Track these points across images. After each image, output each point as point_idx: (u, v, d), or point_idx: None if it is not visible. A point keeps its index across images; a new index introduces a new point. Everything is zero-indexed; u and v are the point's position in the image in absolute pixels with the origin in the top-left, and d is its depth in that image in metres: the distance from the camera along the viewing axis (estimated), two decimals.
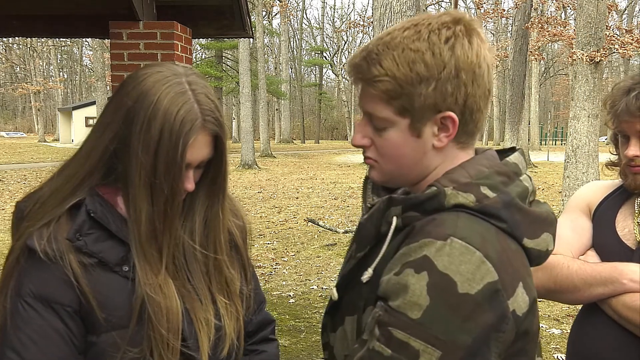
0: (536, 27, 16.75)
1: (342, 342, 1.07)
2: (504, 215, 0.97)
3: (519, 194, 1.01)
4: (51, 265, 1.12)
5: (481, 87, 0.99)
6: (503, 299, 0.92)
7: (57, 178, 1.20)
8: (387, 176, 1.07)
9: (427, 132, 1.00)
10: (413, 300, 0.89)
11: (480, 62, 0.98)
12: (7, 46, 49.26)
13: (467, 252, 0.91)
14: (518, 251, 0.99)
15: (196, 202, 1.24)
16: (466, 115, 1.00)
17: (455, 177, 1.00)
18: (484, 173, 1.00)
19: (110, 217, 1.16)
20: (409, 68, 0.96)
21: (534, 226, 1.02)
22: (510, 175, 1.02)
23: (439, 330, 0.88)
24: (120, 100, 1.16)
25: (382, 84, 0.98)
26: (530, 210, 1.02)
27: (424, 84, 0.97)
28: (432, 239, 0.92)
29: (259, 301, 1.44)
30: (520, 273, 0.97)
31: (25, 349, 1.09)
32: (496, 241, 0.95)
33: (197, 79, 1.17)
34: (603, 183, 1.71)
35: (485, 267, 0.91)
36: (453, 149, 1.03)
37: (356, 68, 1.02)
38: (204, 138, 1.15)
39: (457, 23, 0.99)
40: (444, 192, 0.98)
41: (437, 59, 0.96)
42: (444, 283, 0.89)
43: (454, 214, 0.96)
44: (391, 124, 1.01)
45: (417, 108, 0.98)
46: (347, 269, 1.08)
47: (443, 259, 0.90)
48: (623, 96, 1.53)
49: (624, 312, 1.43)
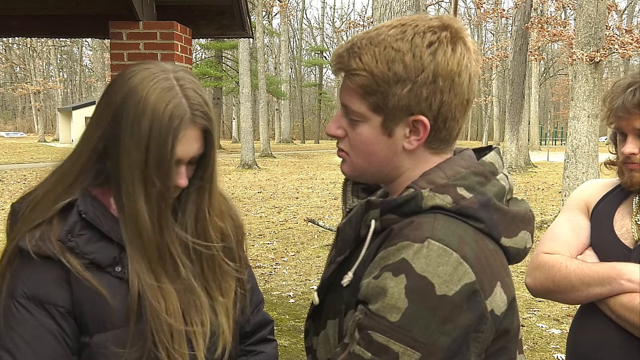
0: (536, 27, 16.74)
1: (325, 346, 1.07)
2: (481, 215, 0.98)
3: (495, 194, 1.01)
4: (43, 266, 1.12)
5: (458, 96, 0.99)
6: (481, 299, 0.92)
7: (50, 179, 1.20)
8: (357, 171, 1.07)
9: (398, 133, 1.01)
10: (392, 303, 0.90)
11: (460, 71, 0.98)
12: (7, 46, 49.26)
13: (444, 253, 0.91)
14: (496, 251, 0.99)
15: (187, 199, 1.23)
16: (439, 122, 0.99)
17: (432, 179, 1.00)
18: (460, 174, 1.00)
19: (102, 217, 1.16)
20: (387, 66, 0.97)
21: (512, 225, 1.02)
22: (487, 175, 1.02)
23: (418, 333, 0.89)
24: (109, 98, 1.16)
25: (359, 78, 0.98)
26: (508, 209, 1.03)
27: (400, 84, 0.97)
28: (410, 241, 0.93)
29: (257, 302, 1.43)
30: (498, 273, 0.97)
31: (18, 349, 1.09)
32: (474, 242, 0.95)
33: (185, 75, 1.17)
34: (601, 181, 1.71)
35: (462, 268, 0.91)
36: (425, 153, 1.03)
37: (338, 58, 1.02)
38: (193, 133, 1.15)
39: (444, 29, 0.98)
40: (421, 194, 0.98)
41: (416, 62, 0.96)
42: (422, 285, 0.90)
43: (431, 215, 0.97)
44: (364, 119, 1.01)
45: (390, 107, 0.98)
46: (328, 273, 1.08)
47: (421, 262, 0.91)
48: (621, 93, 1.53)
49: (622, 312, 1.43)
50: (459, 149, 1.09)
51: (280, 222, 10.40)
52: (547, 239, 1.64)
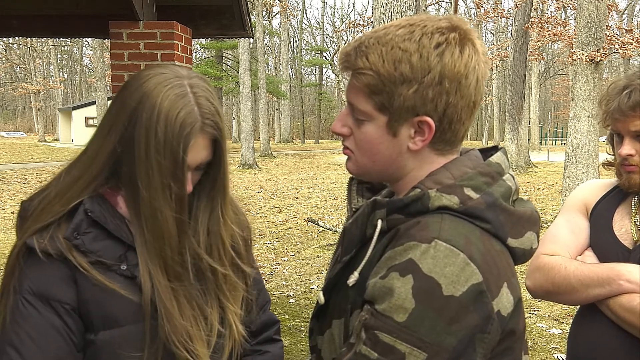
0: (536, 27, 16.74)
1: (330, 346, 1.07)
2: (488, 216, 0.98)
3: (502, 194, 1.01)
4: (50, 264, 1.13)
5: (465, 98, 0.98)
6: (488, 300, 0.92)
7: (63, 179, 1.20)
8: (361, 169, 1.07)
9: (403, 133, 1.00)
10: (398, 303, 0.90)
11: (468, 73, 0.97)
12: (7, 46, 49.29)
13: (451, 254, 0.91)
14: (502, 251, 0.99)
15: (199, 207, 1.24)
16: (444, 124, 0.99)
17: (439, 179, 1.00)
18: (467, 174, 1.00)
19: (108, 216, 1.17)
20: (393, 66, 0.96)
21: (518, 226, 1.02)
22: (494, 175, 1.02)
23: (425, 333, 0.89)
24: (124, 101, 1.16)
25: (365, 77, 0.98)
26: (514, 209, 1.02)
27: (406, 84, 0.96)
28: (417, 242, 0.93)
29: (263, 302, 1.44)
30: (505, 273, 0.97)
31: (23, 345, 1.10)
32: (480, 242, 0.95)
33: (199, 82, 1.18)
34: (600, 182, 1.71)
35: (469, 269, 0.91)
36: (430, 154, 1.03)
37: (346, 56, 1.02)
38: (202, 141, 1.16)
39: (453, 30, 0.98)
40: (428, 194, 0.98)
41: (423, 63, 0.96)
42: (429, 286, 0.89)
43: (438, 216, 0.96)
44: (370, 118, 1.01)
45: (396, 107, 0.98)
46: (334, 273, 1.08)
47: (428, 262, 0.90)
48: (617, 95, 1.52)
49: (621, 313, 1.43)
50: (465, 149, 1.09)
51: (280, 222, 10.41)
52: (547, 240, 1.64)
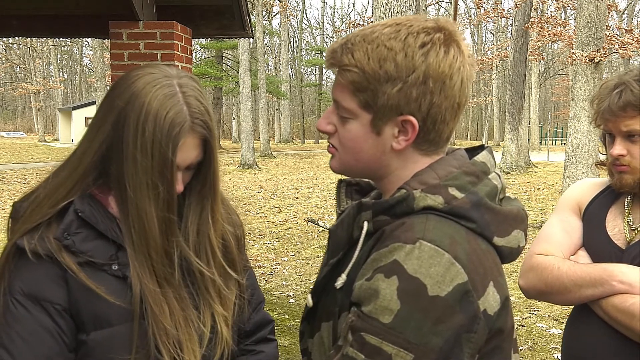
0: (536, 27, 16.74)
1: (320, 348, 1.07)
2: (473, 215, 0.98)
3: (487, 193, 1.01)
4: (40, 265, 1.13)
5: (449, 99, 0.99)
6: (473, 300, 0.92)
7: (52, 180, 1.21)
8: (345, 166, 1.07)
9: (387, 132, 1.01)
10: (384, 305, 0.90)
11: (452, 74, 0.97)
12: (7, 46, 49.28)
13: (436, 254, 0.91)
14: (488, 250, 0.99)
15: (189, 207, 1.24)
16: (428, 124, 0.99)
17: (424, 179, 1.00)
18: (452, 174, 1.00)
19: (99, 216, 1.17)
20: (378, 64, 0.97)
21: (504, 224, 1.02)
22: (479, 174, 1.02)
23: (411, 334, 0.89)
24: (112, 102, 1.16)
25: (351, 74, 0.99)
26: (500, 208, 1.02)
27: (390, 83, 0.97)
28: (402, 243, 0.93)
29: (257, 301, 1.43)
30: (491, 272, 0.97)
31: (14, 346, 1.10)
32: (466, 242, 0.95)
33: (189, 82, 1.17)
34: (593, 181, 1.70)
35: (454, 269, 0.91)
36: (414, 154, 1.03)
37: (332, 53, 1.02)
38: (192, 141, 1.15)
39: (438, 31, 0.98)
40: (413, 195, 0.98)
41: (408, 62, 0.96)
42: (414, 287, 0.89)
43: (423, 216, 0.96)
44: (354, 116, 1.01)
45: (380, 105, 0.98)
46: (322, 276, 1.08)
47: (412, 263, 0.90)
48: (608, 95, 1.52)
49: (614, 314, 1.43)
50: (451, 148, 1.09)
51: (280, 222, 10.40)
52: (540, 240, 1.64)
